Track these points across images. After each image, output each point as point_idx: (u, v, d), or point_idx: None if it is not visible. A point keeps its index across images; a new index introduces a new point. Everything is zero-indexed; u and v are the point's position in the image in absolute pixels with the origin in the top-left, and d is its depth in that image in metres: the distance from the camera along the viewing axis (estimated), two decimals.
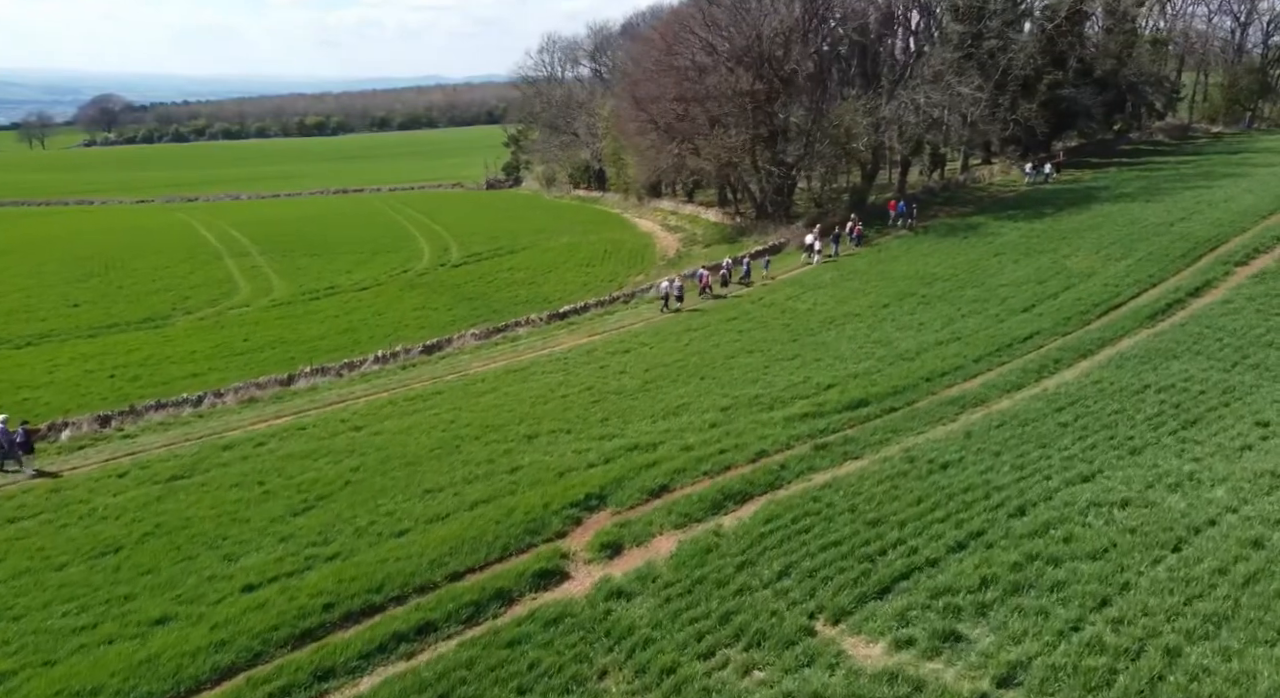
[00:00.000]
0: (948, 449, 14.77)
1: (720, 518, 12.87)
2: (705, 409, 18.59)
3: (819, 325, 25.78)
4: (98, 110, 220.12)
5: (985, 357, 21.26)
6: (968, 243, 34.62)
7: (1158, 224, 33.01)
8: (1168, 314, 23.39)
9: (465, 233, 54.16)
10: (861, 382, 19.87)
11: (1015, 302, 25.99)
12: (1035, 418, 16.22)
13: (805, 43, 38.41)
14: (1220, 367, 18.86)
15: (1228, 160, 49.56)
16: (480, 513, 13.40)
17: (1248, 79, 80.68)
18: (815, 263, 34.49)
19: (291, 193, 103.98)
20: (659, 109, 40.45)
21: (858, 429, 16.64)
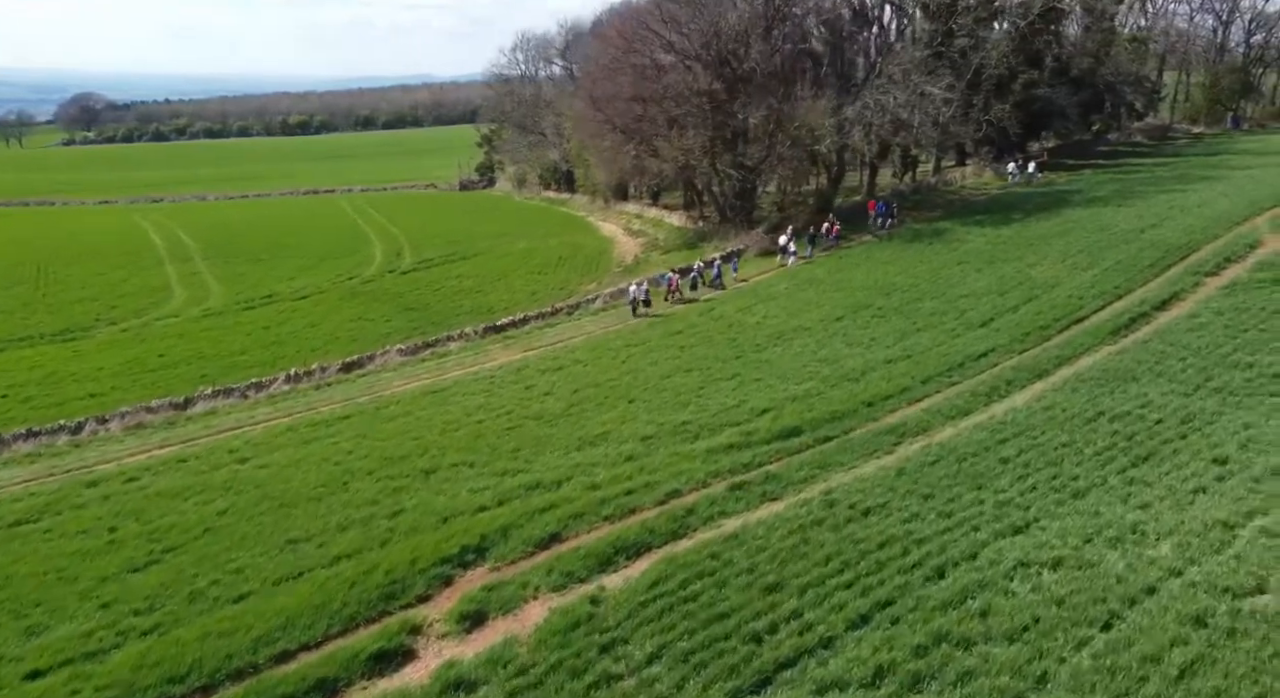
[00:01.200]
0: (874, 491, 13.37)
1: (606, 577, 11.40)
2: (625, 439, 17.13)
3: (766, 341, 24.37)
4: (78, 109, 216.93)
5: (935, 377, 19.89)
6: (932, 250, 33.32)
7: (1128, 231, 31.83)
8: (1131, 329, 22.11)
9: (423, 237, 52.51)
10: (799, 406, 18.47)
11: (974, 315, 24.67)
12: (976, 452, 14.85)
13: (766, 40, 37.03)
14: (1181, 390, 17.57)
15: (1205, 162, 48.61)
16: (338, 571, 11.87)
17: (1229, 78, 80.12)
18: (790, 265, 33.51)
19: (261, 193, 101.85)
20: (615, 109, 38.97)
21: (784, 463, 15.21)
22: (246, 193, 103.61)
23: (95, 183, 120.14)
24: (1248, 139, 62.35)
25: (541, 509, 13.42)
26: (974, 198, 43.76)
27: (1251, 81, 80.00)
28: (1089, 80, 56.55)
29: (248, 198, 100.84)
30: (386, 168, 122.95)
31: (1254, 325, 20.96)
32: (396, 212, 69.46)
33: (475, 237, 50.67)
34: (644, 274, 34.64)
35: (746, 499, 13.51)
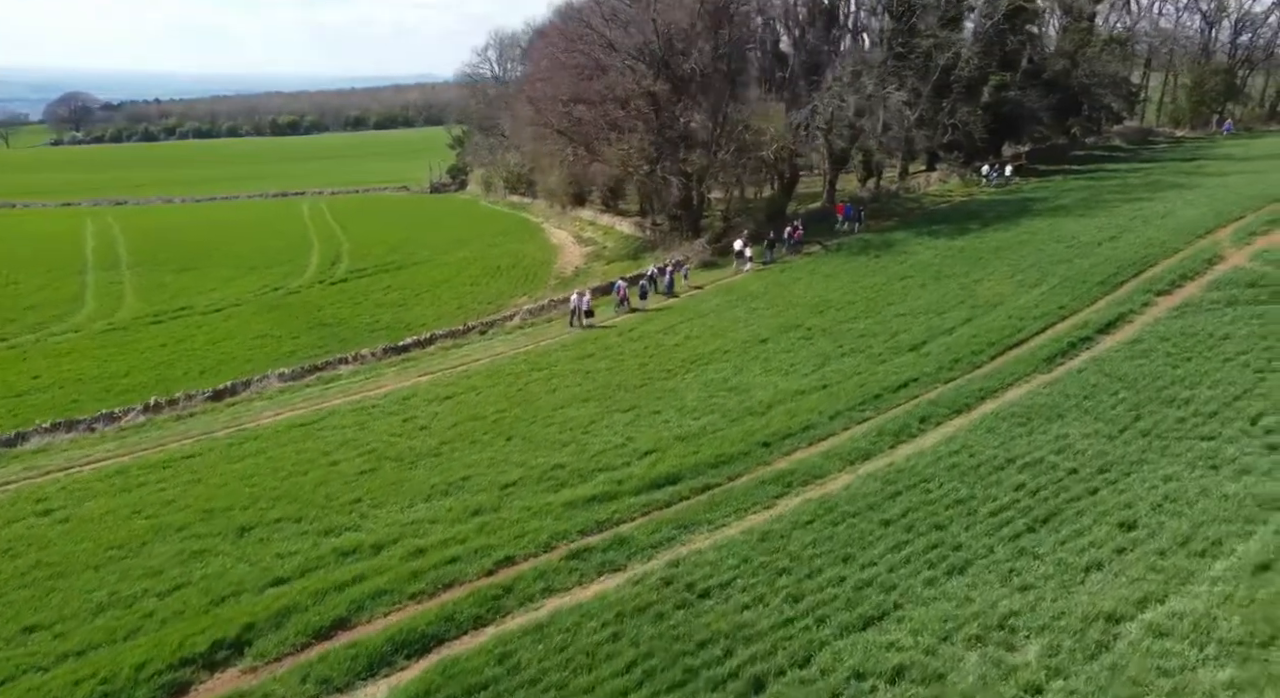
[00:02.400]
0: (726, 562, 11.64)
1: (368, 687, 9.63)
2: (484, 487, 15.35)
3: (679, 366, 22.60)
4: (66, 109, 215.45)
5: (847, 411, 18.16)
6: (878, 263, 31.63)
7: (1086, 243, 30.18)
8: (1069, 356, 20.41)
9: (368, 243, 50.71)
10: (687, 447, 16.71)
11: (906, 337, 22.96)
12: (859, 510, 13.12)
13: (711, 39, 35.32)
14: (1107, 432, 15.87)
15: (1180, 168, 47.03)
16: (51, 678, 10.01)
17: (1214, 80, 78.73)
18: (747, 271, 32.51)
19: (229, 195, 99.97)
20: (554, 111, 37.23)
21: (644, 522, 13.47)
22: (215, 195, 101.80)
23: (65, 184, 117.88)
24: (1231, 143, 60.85)
25: (343, 584, 11.67)
26: (935, 206, 42.11)
27: (1237, 83, 78.66)
28: (1062, 82, 54.99)
29: (215, 200, 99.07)
30: (365, 169, 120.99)
31: (1199, 353, 19.31)
32: (354, 216, 67.73)
33: (421, 244, 48.87)
34: (583, 285, 32.96)
35: (581, 571, 11.76)
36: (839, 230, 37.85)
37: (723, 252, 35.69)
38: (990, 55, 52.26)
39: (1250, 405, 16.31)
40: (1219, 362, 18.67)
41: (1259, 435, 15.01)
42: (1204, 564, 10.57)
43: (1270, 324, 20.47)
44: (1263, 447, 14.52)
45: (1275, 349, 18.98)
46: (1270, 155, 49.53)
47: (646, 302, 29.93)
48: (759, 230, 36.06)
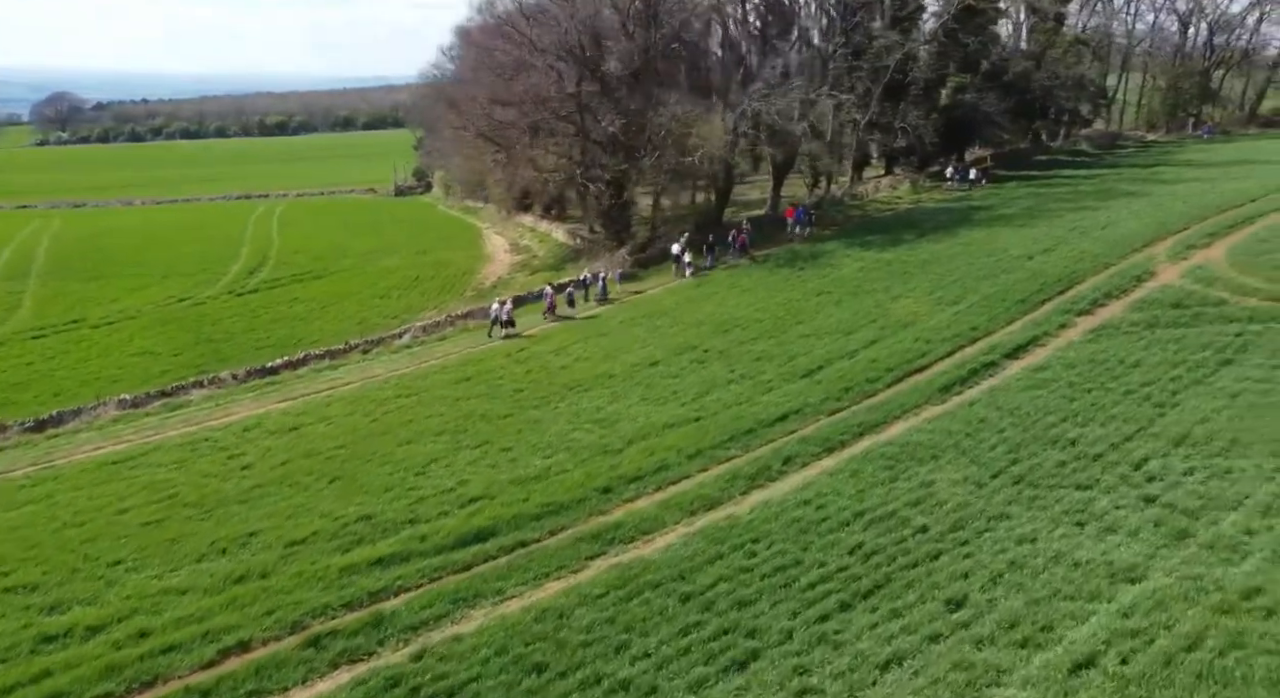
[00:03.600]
0: (477, 655, 10.06)
1: None
2: (269, 544, 13.71)
3: (556, 393, 20.99)
4: (52, 109, 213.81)
5: (710, 449, 16.60)
6: (800, 277, 30.13)
7: (1017, 257, 28.72)
8: (968, 384, 18.92)
9: (299, 250, 49.00)
10: (520, 493, 15.12)
11: (804, 361, 21.43)
12: (666, 579, 11.56)
13: (632, 39, 33.75)
14: (978, 476, 14.37)
15: (1137, 175, 45.74)
16: None
17: (1188, 82, 77.70)
18: (686, 277, 31.65)
19: (191, 198, 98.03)
20: (474, 113, 35.60)
21: (424, 592, 11.88)
22: (177, 198, 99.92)
23: (31, 185, 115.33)
24: (1195, 148, 59.72)
25: (15, 685, 9.98)
26: (879, 213, 40.67)
27: (1211, 85, 77.59)
28: (1022, 85, 53.71)
29: (176, 203, 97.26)
30: (342, 170, 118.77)
31: (1102, 383, 17.87)
32: (302, 220, 66.12)
33: (351, 251, 47.15)
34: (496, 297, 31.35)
35: (312, 664, 10.18)
36: (789, 234, 37.19)
37: (647, 262, 34.22)
38: (947, 57, 51.11)
39: (1139, 447, 14.87)
40: (1120, 394, 17.25)
41: (1139, 484, 13.56)
42: (1022, 658, 9.08)
43: (1185, 350, 19.09)
44: (1138, 499, 13.07)
45: (1183, 379, 17.60)
46: (1232, 161, 48.32)
47: (575, 309, 29.11)
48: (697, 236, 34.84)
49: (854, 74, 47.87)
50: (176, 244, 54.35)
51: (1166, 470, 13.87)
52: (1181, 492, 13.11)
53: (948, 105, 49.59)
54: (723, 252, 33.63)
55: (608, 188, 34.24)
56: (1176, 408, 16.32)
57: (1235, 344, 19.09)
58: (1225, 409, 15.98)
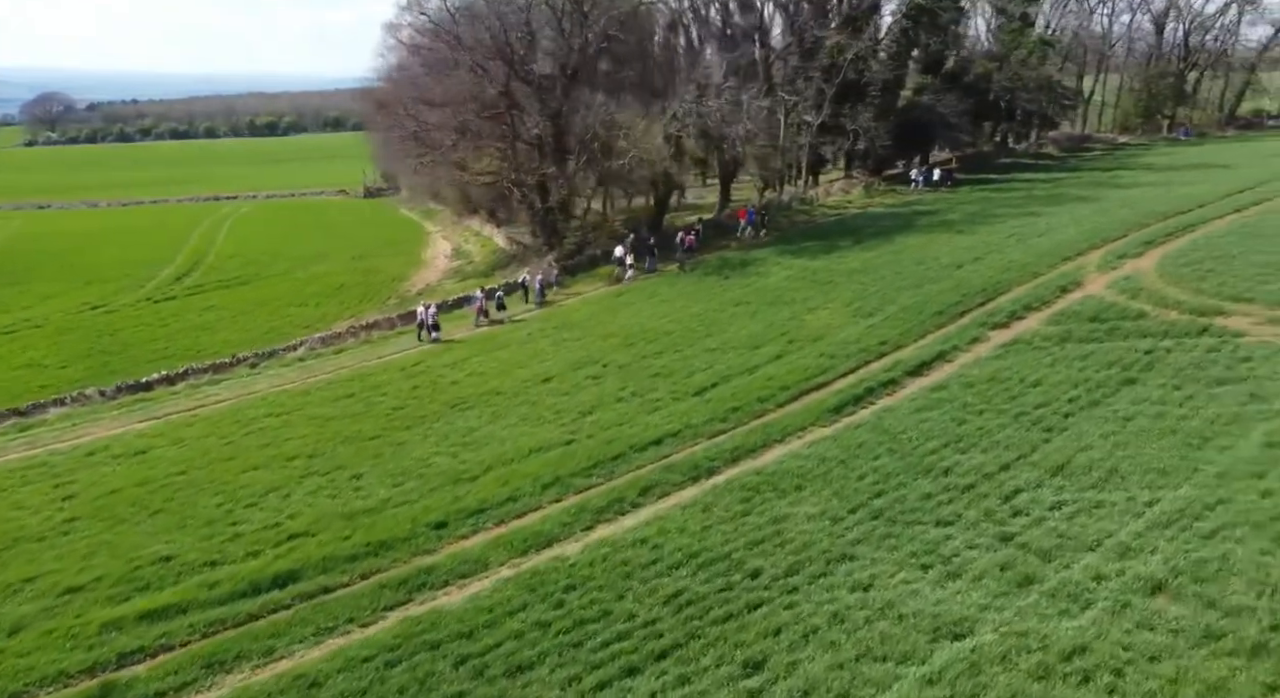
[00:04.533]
0: None
1: None
2: (43, 591, 12.54)
3: (435, 412, 19.92)
4: (42, 109, 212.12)
5: (570, 477, 15.56)
6: (724, 285, 29.18)
7: (945, 266, 27.85)
8: (862, 404, 17.99)
9: (236, 254, 47.86)
10: (346, 528, 14.03)
11: (702, 377, 20.44)
12: (449, 638, 10.49)
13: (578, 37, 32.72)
14: (837, 510, 13.41)
15: (1095, 178, 45.04)
16: None
17: (1161, 84, 77.18)
18: (628, 279, 31.09)
19: (157, 199, 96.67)
20: (402, 114, 34.57)
21: (187, 652, 10.79)
22: (143, 199, 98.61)
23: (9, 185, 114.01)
24: (1166, 150, 59.18)
25: None
26: (823, 219, 39.81)
27: (1185, 87, 77.02)
28: (982, 86, 52.99)
29: (142, 204, 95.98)
30: (318, 172, 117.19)
31: (997, 404, 16.98)
32: (257, 222, 65.09)
33: (289, 256, 46.04)
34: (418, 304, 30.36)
35: None
36: (741, 237, 36.98)
37: (575, 269, 33.23)
38: (903, 57, 50.36)
39: (1015, 477, 13.96)
40: (1011, 417, 16.35)
41: (1002, 520, 12.64)
42: None
43: (1090, 368, 18.23)
44: (995, 537, 12.16)
45: (1080, 401, 16.73)
46: (1193, 165, 47.73)
47: (505, 314, 28.67)
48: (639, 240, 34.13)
49: (807, 75, 47.28)
50: (115, 248, 53.13)
51: (1034, 504, 12.97)
52: (1042, 530, 12.21)
53: (903, 107, 48.81)
54: (670, 254, 33.08)
55: (536, 192, 33.25)
56: (1065, 433, 15.44)
57: (1142, 362, 18.26)
58: (1114, 435, 15.11)
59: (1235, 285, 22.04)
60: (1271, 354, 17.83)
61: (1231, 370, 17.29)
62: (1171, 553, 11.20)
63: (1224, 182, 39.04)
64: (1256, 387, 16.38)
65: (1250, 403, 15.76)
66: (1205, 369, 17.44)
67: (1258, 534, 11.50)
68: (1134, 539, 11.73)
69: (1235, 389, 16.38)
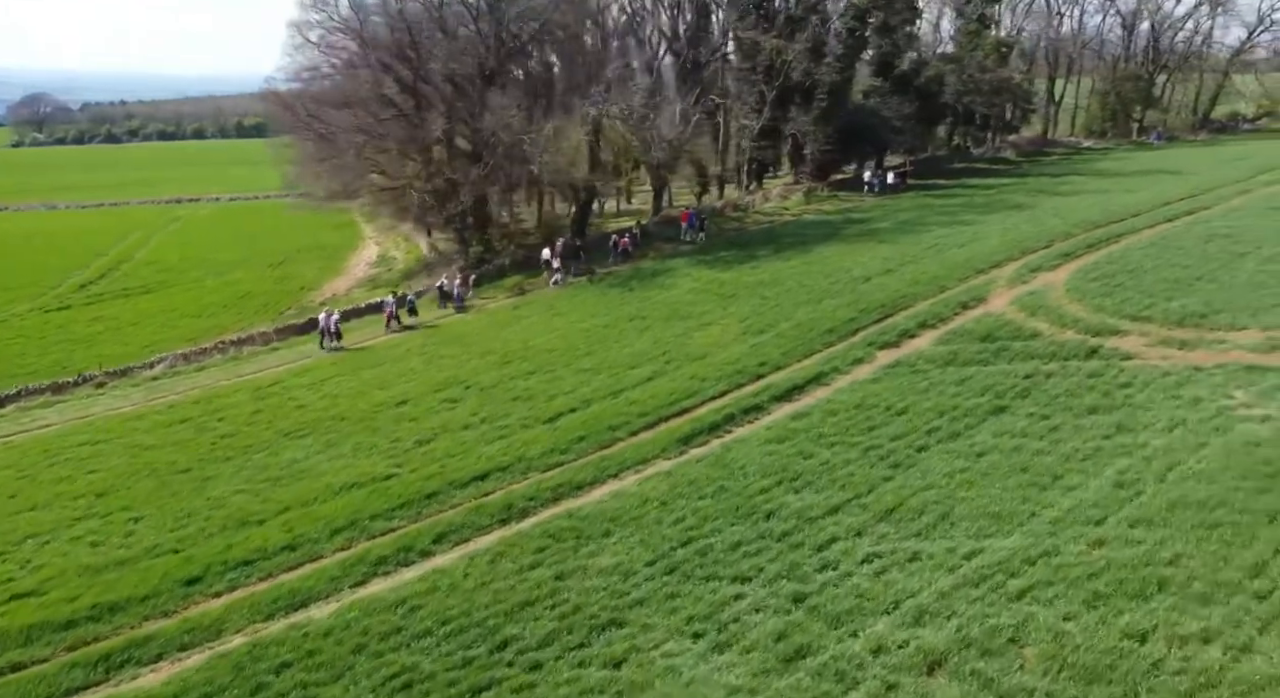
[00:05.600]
0: None
1: None
2: None
3: (266, 440, 18.46)
4: (29, 111, 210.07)
5: (371, 520, 14.17)
6: (628, 298, 27.96)
7: (854, 278, 26.68)
8: (714, 434, 16.69)
9: (157, 260, 46.37)
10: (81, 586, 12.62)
11: (560, 402, 19.12)
12: None
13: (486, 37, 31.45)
14: (633, 561, 12.12)
15: (1041, 185, 44.01)
16: None
17: (1128, 87, 76.45)
18: (556, 284, 30.53)
19: (118, 202, 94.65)
20: (300, 112, 33.29)
21: None
22: (103, 202, 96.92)
23: None
24: (1125, 155, 58.39)
25: None
26: (754, 226, 38.66)
27: (1153, 90, 76.27)
28: (933, 89, 51.99)
29: (102, 207, 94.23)
30: None
31: (852, 435, 15.77)
32: (202, 225, 63.82)
33: (214, 261, 44.59)
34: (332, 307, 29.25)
35: None
36: (683, 240, 36.35)
37: (480, 279, 31.97)
38: (851, 59, 49.30)
39: (840, 522, 12.77)
40: (863, 450, 15.17)
41: (805, 574, 11.42)
42: None
43: (964, 395, 17.07)
44: (789, 597, 10.93)
45: (940, 432, 15.56)
46: (1147, 170, 46.83)
47: (417, 319, 28.32)
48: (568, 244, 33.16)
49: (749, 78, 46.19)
50: (40, 253, 51.55)
51: (846, 556, 11.78)
52: (844, 588, 11.01)
53: (848, 110, 47.67)
54: (604, 258, 32.61)
55: (443, 197, 32.01)
56: (911, 470, 14.27)
57: (1019, 388, 17.11)
58: (961, 473, 13.95)
59: (1138, 302, 20.98)
60: (1153, 379, 16.76)
61: (1107, 398, 16.20)
62: (968, 619, 10.03)
63: (1167, 189, 38.07)
64: (1127, 416, 15.30)
65: (1115, 435, 14.65)
66: (1080, 397, 16.34)
67: (1070, 594, 10.36)
68: (935, 601, 10.55)
69: (1104, 420, 15.28)
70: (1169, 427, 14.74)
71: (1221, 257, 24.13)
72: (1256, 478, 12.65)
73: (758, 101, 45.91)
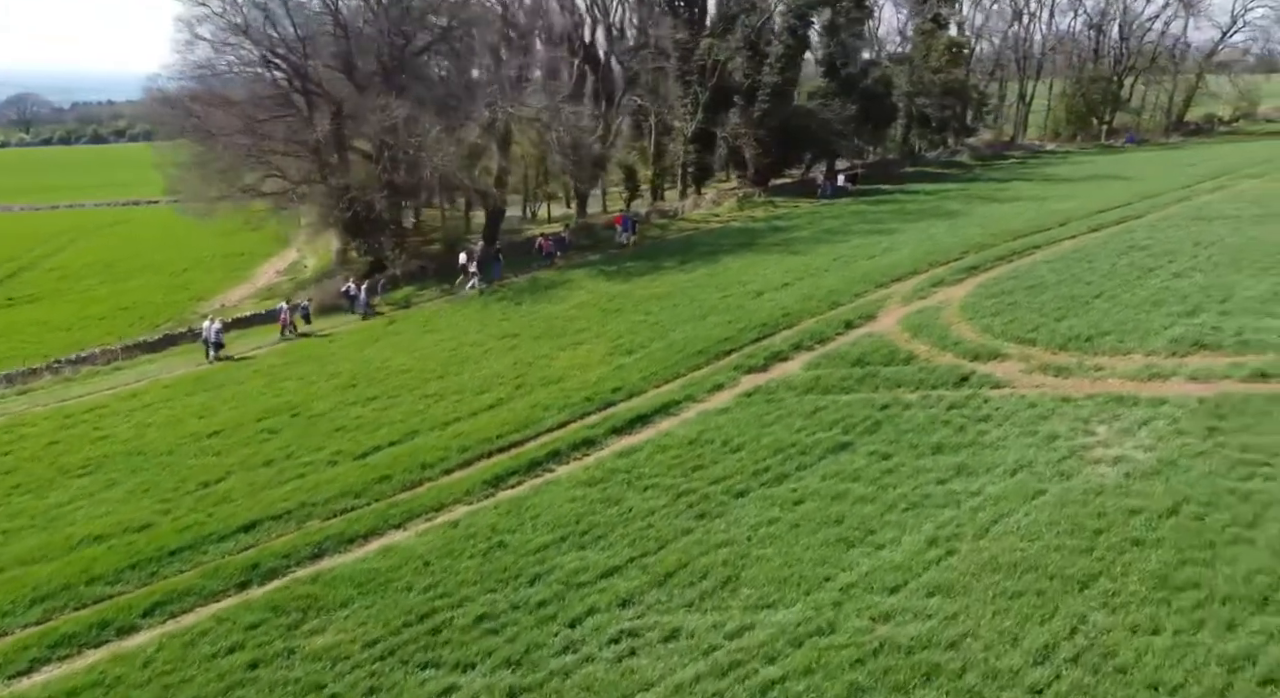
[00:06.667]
0: None
1: None
2: None
3: (43, 479, 16.45)
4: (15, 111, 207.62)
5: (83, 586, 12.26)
6: (509, 313, 26.36)
7: (748, 293, 25.24)
8: (531, 474, 15.06)
9: (62, 266, 44.50)
10: None
11: (384, 433, 17.40)
12: None
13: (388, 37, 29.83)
14: (350, 645, 10.60)
15: (982, 191, 42.68)
16: None
17: (1094, 88, 75.40)
18: (469, 289, 29.62)
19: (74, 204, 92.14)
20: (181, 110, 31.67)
21: None
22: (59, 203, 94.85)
23: None
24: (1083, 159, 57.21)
25: None
26: (675, 235, 37.18)
27: (1117, 91, 75.17)
28: (880, 91, 50.67)
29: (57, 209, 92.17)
30: None
31: (671, 477, 14.22)
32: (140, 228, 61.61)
33: (120, 267, 42.71)
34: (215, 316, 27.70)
35: None
36: (617, 242, 35.26)
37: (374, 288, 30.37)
38: (794, 59, 47.92)
39: (610, 588, 11.20)
40: (675, 495, 13.63)
41: (538, 659, 9.85)
42: None
43: (810, 429, 15.55)
44: (504, 693, 9.40)
45: (769, 473, 14.04)
46: (1095, 176, 45.69)
47: (312, 326, 27.61)
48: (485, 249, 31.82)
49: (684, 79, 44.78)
50: None
51: (595, 634, 10.23)
52: (572, 681, 9.44)
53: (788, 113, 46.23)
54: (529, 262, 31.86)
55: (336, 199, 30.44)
56: (718, 520, 12.75)
57: (871, 421, 15.63)
58: (768, 525, 12.46)
59: (1027, 322, 19.58)
60: (1015, 412, 15.32)
61: (959, 434, 14.75)
62: None
63: (1107, 196, 36.88)
64: (972, 457, 13.84)
65: (951, 479, 13.19)
66: (930, 433, 14.89)
67: (822, 688, 8.87)
68: (669, 696, 9.06)
69: (947, 461, 13.81)
70: (1012, 470, 13.31)
71: (1129, 272, 22.82)
72: (1082, 535, 11.25)
73: (693, 104, 44.61)
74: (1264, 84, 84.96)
